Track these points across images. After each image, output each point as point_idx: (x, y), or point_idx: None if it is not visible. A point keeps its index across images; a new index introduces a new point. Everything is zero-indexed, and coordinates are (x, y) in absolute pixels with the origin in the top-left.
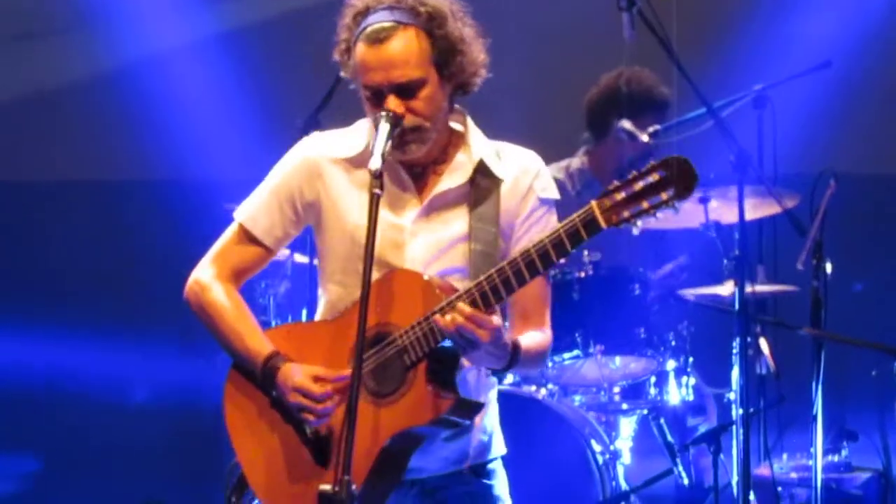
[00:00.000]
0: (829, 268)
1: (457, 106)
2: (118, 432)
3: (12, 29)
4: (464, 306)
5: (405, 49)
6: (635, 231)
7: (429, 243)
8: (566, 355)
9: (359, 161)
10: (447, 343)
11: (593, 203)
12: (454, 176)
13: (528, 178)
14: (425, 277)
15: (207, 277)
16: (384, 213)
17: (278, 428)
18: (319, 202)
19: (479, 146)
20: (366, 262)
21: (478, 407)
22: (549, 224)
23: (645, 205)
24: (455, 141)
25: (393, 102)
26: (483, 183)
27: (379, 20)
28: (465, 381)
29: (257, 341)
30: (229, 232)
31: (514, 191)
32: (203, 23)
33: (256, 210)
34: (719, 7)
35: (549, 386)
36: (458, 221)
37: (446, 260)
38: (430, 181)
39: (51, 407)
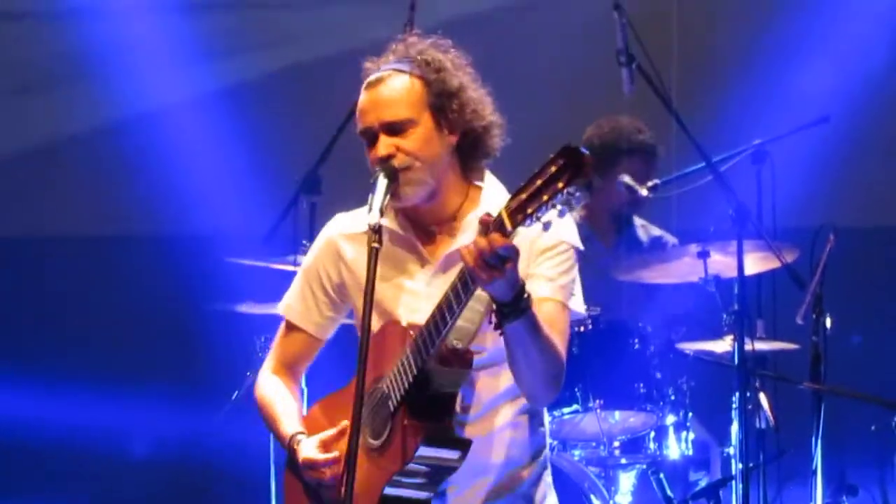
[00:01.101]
0: (828, 322)
1: (481, 165)
2: (117, 485)
3: (12, 82)
4: (478, 238)
5: (396, 90)
6: (546, 230)
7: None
8: (565, 409)
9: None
10: (433, 383)
11: (501, 208)
12: (464, 236)
13: (537, 226)
14: (404, 324)
15: (263, 375)
16: (400, 280)
17: None
18: (344, 281)
19: (489, 201)
20: (364, 319)
21: (465, 444)
22: (559, 259)
23: (545, 197)
24: (472, 199)
25: (383, 142)
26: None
27: (376, 70)
28: (497, 439)
29: (287, 425)
30: (280, 326)
31: (521, 242)
32: (203, 78)
33: (292, 298)
34: (718, 62)
35: (549, 440)
36: None
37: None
38: (443, 243)
39: (46, 459)
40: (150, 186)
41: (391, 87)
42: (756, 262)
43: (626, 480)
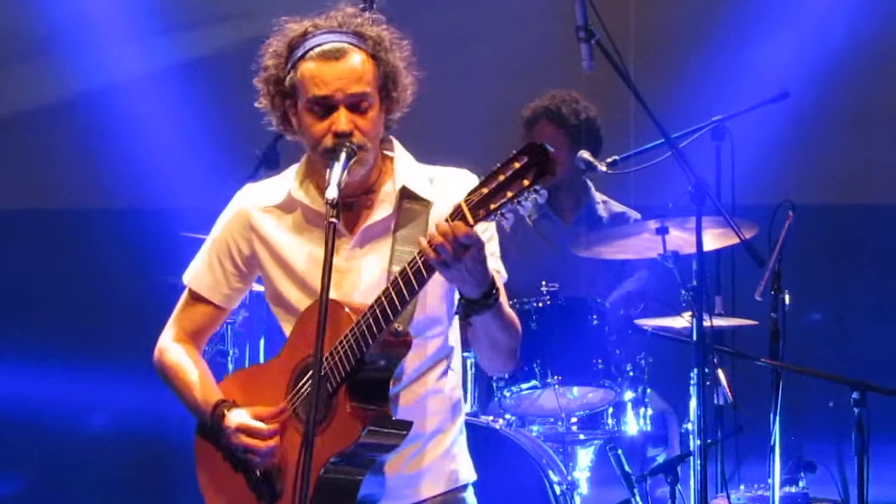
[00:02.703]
0: (787, 299)
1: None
2: (76, 460)
3: None
4: (440, 224)
5: (361, 66)
6: (505, 225)
7: (361, 278)
8: (524, 385)
9: (287, 206)
10: (373, 366)
11: (461, 200)
12: (381, 208)
13: (459, 191)
14: (344, 305)
15: (166, 341)
16: (319, 253)
17: (232, 479)
18: (255, 253)
19: (403, 172)
20: (322, 294)
21: (406, 425)
22: (484, 233)
23: (509, 194)
24: (385, 170)
25: (345, 116)
26: (410, 207)
27: (330, 40)
28: (422, 406)
29: (207, 393)
30: (183, 294)
31: (445, 207)
32: (162, 52)
33: (199, 270)
34: (677, 38)
35: (507, 416)
36: (385, 250)
37: (377, 290)
38: (362, 215)
39: (7, 435)
40: (107, 161)
41: (355, 62)
42: (715, 239)
43: (585, 456)
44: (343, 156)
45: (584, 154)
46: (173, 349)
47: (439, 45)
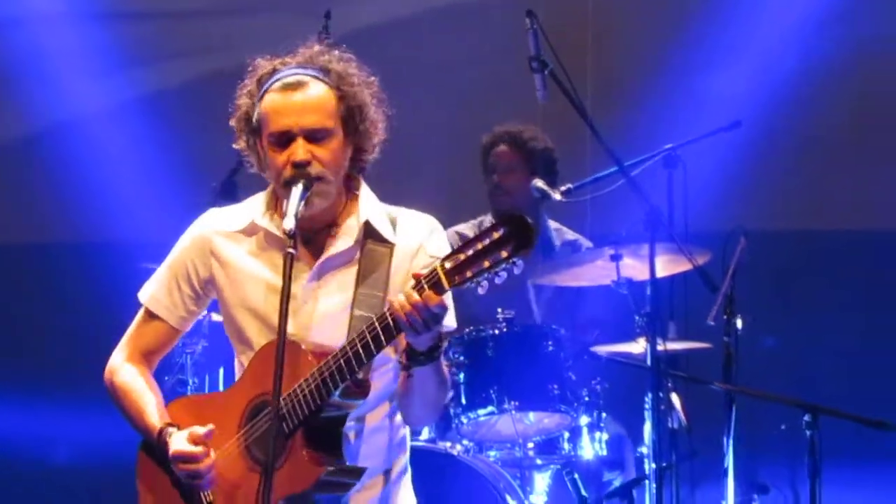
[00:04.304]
0: (739, 323)
1: (352, 172)
2: (38, 494)
3: None
4: (412, 293)
5: (319, 97)
6: (480, 291)
7: (317, 310)
8: (481, 411)
9: (250, 231)
10: (330, 410)
11: (437, 265)
12: (343, 240)
13: (419, 238)
14: (303, 346)
15: (118, 361)
16: (277, 281)
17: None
18: (214, 278)
19: (367, 209)
20: (281, 323)
21: (358, 472)
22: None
23: (486, 263)
24: (349, 206)
25: (302, 146)
26: (373, 248)
27: (292, 73)
28: (370, 443)
29: (154, 416)
30: (138, 314)
31: (406, 253)
32: (122, 86)
33: (157, 290)
34: (631, 68)
35: (465, 442)
36: (345, 288)
37: (333, 326)
38: (323, 247)
39: None
40: (69, 194)
41: (313, 94)
42: (668, 265)
43: (541, 481)
44: (301, 186)
45: (539, 183)
46: (124, 369)
47: (397, 79)
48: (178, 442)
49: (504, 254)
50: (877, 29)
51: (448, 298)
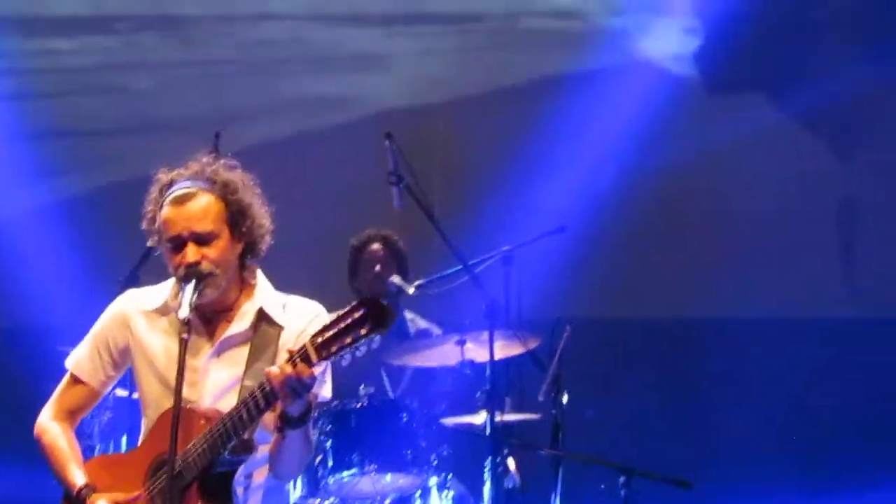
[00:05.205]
0: (565, 398)
1: (251, 263)
2: None
3: None
4: (286, 365)
5: (203, 207)
6: (344, 363)
7: (216, 381)
8: (345, 473)
9: (162, 311)
10: (222, 466)
11: (307, 341)
12: (239, 323)
13: (304, 320)
14: (197, 412)
15: (46, 419)
16: (184, 357)
17: None
18: (130, 348)
19: (262, 296)
20: (176, 397)
21: None
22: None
23: (349, 340)
24: (246, 293)
25: (192, 249)
26: (265, 329)
27: (182, 187)
28: (257, 497)
29: (75, 475)
30: (64, 378)
31: (292, 333)
32: (41, 193)
33: (81, 357)
34: (474, 181)
35: (331, 499)
36: (239, 363)
37: (227, 395)
38: (221, 328)
39: None
40: None
41: (199, 204)
42: (505, 349)
43: None
44: (193, 282)
45: (395, 279)
46: (51, 429)
47: (269, 183)
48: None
49: (363, 331)
50: (682, 144)
51: (328, 374)
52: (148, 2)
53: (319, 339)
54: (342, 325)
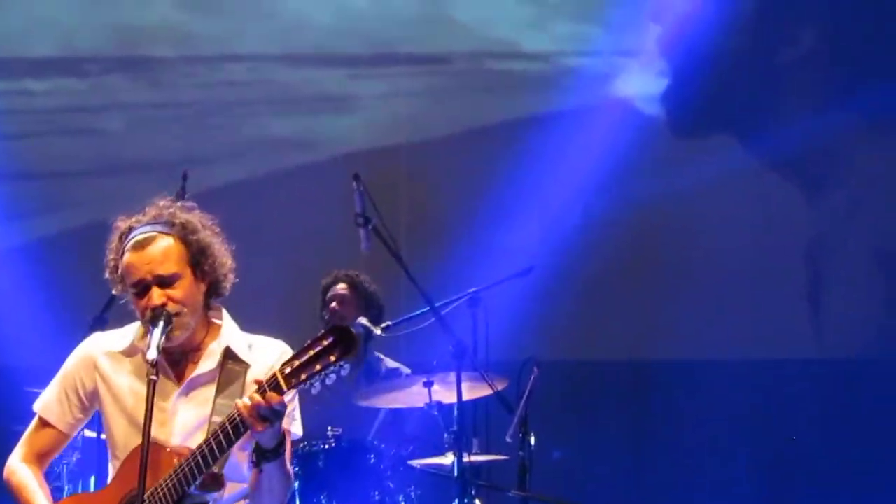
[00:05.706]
0: (532, 440)
1: (216, 303)
2: None
3: None
4: (255, 394)
5: (164, 250)
6: (313, 391)
7: (185, 421)
8: None
9: (129, 352)
10: (192, 500)
11: (277, 370)
12: (206, 362)
13: (271, 358)
14: (167, 448)
15: (15, 462)
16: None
17: None
18: (97, 390)
19: (228, 335)
20: (144, 438)
21: None
22: (291, 393)
23: (318, 367)
24: (212, 333)
25: (156, 292)
26: (232, 367)
27: (142, 232)
28: None
29: None
30: (33, 421)
31: (259, 371)
32: (9, 235)
33: (49, 401)
34: (441, 222)
35: None
36: (207, 401)
37: (195, 432)
38: (188, 368)
39: None
40: None
41: (160, 247)
42: (472, 390)
43: None
44: (161, 324)
45: (363, 320)
46: (21, 470)
47: (241, 228)
48: None
49: (332, 358)
50: (650, 186)
51: (297, 413)
52: (118, 43)
53: (288, 369)
54: (311, 352)
